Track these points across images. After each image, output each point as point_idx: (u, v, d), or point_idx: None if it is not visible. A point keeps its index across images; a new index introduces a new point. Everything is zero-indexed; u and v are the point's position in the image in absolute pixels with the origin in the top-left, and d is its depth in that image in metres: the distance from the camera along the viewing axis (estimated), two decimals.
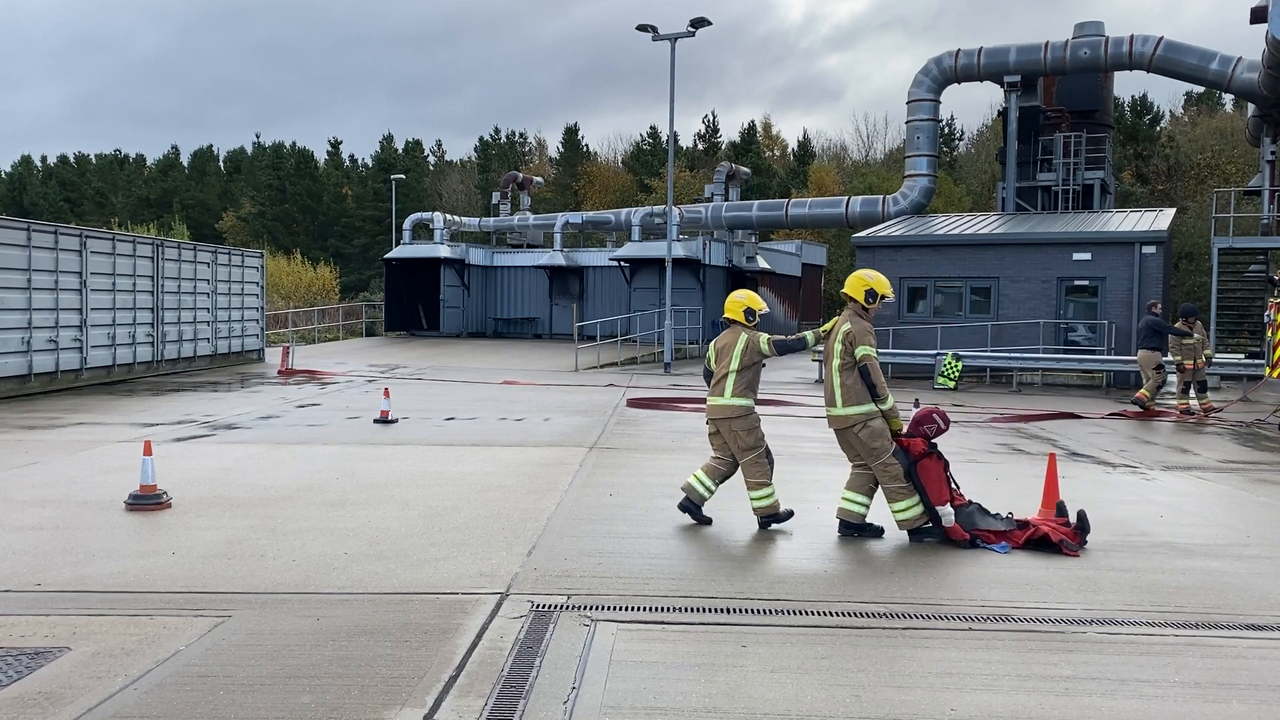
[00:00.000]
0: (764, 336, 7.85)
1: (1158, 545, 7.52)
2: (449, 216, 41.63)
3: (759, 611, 5.67)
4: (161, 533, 7.38)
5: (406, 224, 41.21)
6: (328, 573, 6.32)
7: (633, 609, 5.65)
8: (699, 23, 25.05)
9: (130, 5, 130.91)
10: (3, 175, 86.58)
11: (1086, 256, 24.29)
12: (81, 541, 7.11)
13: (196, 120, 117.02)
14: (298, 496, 8.74)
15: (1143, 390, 17.42)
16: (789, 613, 5.66)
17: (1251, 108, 30.71)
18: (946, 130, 66.38)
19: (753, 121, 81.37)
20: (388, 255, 40.16)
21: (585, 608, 5.64)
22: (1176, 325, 17.67)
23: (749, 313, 8.04)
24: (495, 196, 48.69)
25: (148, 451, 8.41)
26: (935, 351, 23.15)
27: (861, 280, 7.73)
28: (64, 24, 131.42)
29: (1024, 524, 7.33)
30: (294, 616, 5.45)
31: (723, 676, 4.65)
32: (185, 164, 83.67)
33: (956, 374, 22.33)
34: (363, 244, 70.88)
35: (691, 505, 7.83)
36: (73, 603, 5.68)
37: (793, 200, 37.42)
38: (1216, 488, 10.44)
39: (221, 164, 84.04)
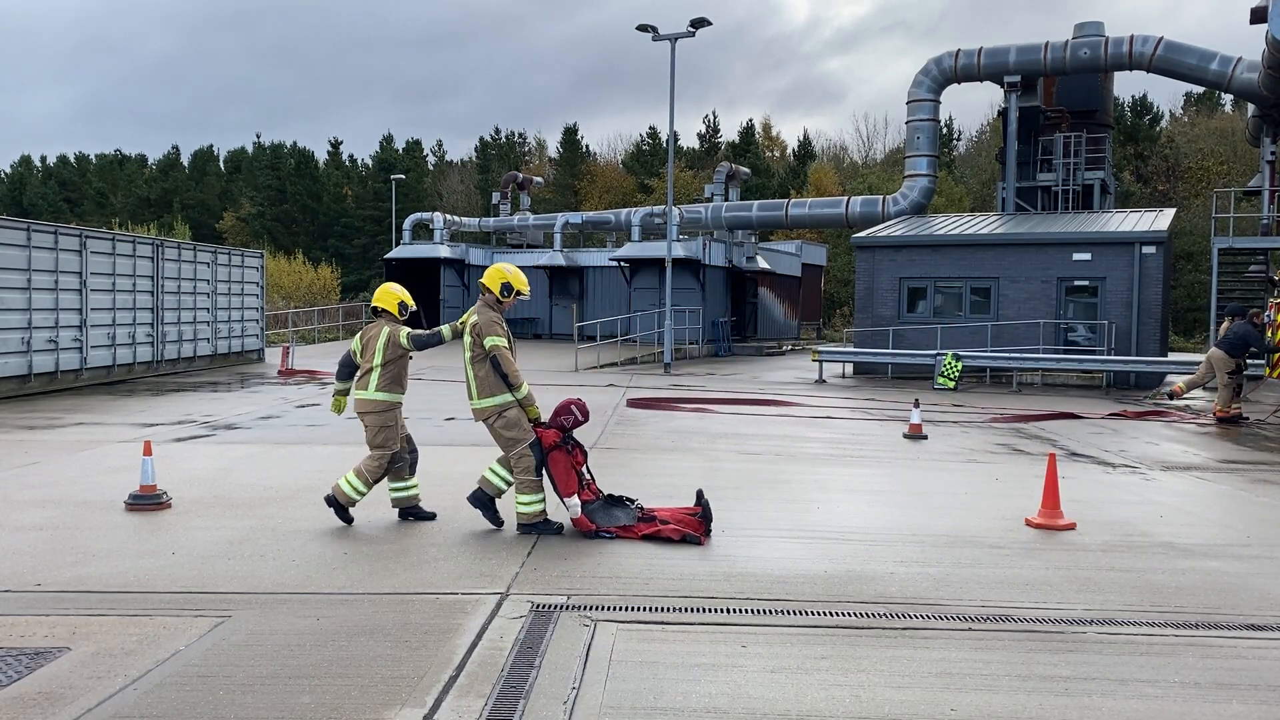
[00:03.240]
0: (405, 331, 7.72)
1: (1158, 545, 7.52)
2: (449, 216, 41.66)
3: (759, 611, 5.67)
4: (161, 533, 7.38)
5: (406, 224, 41.23)
6: (328, 573, 6.32)
7: (633, 609, 5.65)
8: (699, 23, 25.05)
9: (139, 8, 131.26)
10: (3, 175, 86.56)
11: (1086, 256, 24.29)
12: (81, 541, 7.11)
13: (202, 122, 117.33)
14: (298, 496, 8.74)
15: (1217, 405, 16.68)
16: (789, 613, 5.66)
17: (1251, 108, 30.71)
18: (946, 130, 66.39)
19: (751, 121, 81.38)
20: (388, 255, 40.17)
21: (585, 608, 5.64)
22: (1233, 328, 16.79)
23: (402, 306, 7.93)
24: (495, 196, 48.69)
25: (147, 451, 8.41)
26: (935, 352, 23.15)
27: (499, 273, 7.67)
28: (73, 27, 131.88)
29: (650, 518, 7.36)
30: (294, 616, 5.45)
31: (723, 676, 4.65)
32: (185, 164, 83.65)
33: (956, 374, 22.33)
34: (363, 244, 70.88)
35: (337, 504, 7.64)
36: (73, 603, 5.68)
37: (793, 200, 37.41)
38: (1216, 488, 10.44)
39: (221, 164, 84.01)
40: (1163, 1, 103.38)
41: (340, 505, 7.66)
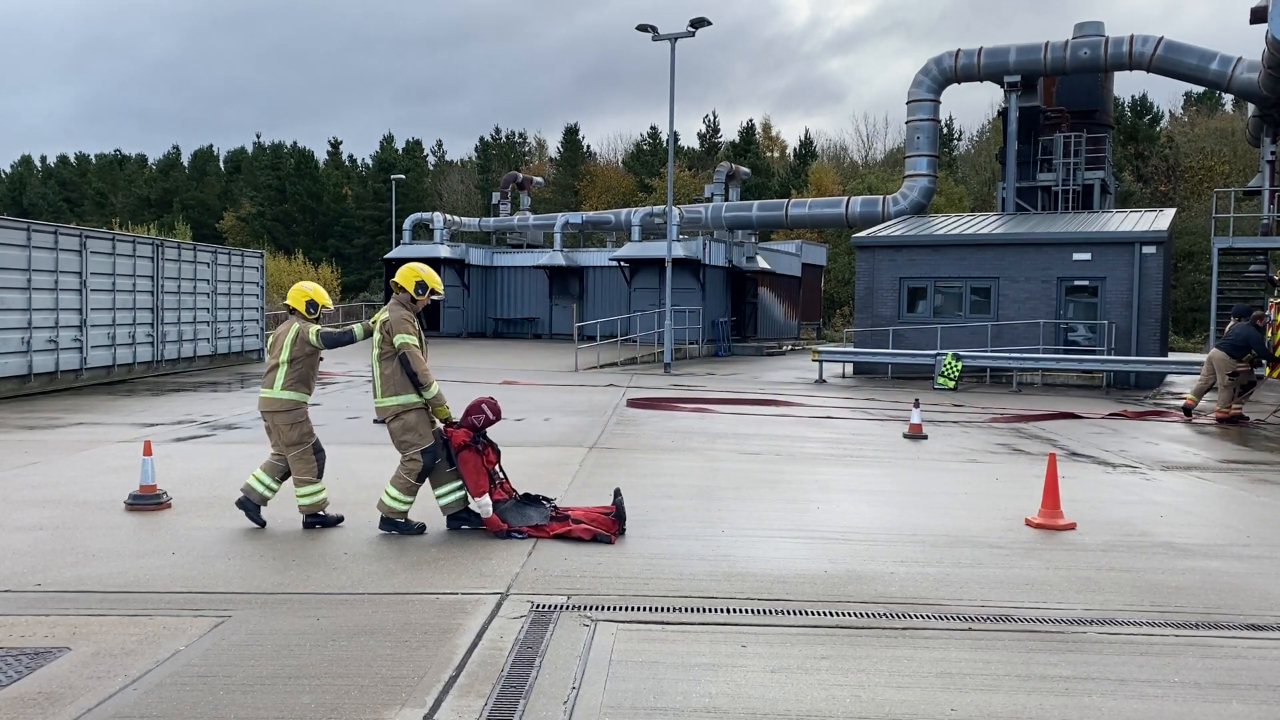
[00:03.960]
0: (314, 329, 7.60)
1: (1158, 545, 7.52)
2: (449, 216, 41.67)
3: (759, 611, 5.67)
4: (161, 533, 7.38)
5: (406, 224, 41.24)
6: (328, 573, 6.32)
7: (633, 609, 5.65)
8: (699, 23, 25.06)
9: (141, 9, 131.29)
10: (3, 175, 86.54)
11: (1086, 256, 24.29)
12: (81, 541, 7.11)
13: (203, 123, 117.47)
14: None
15: (1219, 407, 16.54)
16: (789, 613, 5.66)
17: (1251, 108, 30.71)
18: (946, 130, 66.38)
19: (752, 122, 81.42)
20: (388, 255, 40.18)
21: (585, 608, 5.64)
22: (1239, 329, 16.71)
23: (310, 304, 7.77)
24: (495, 196, 48.72)
25: (147, 451, 8.41)
26: (935, 352, 23.14)
27: (413, 272, 7.56)
28: (76, 27, 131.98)
29: (563, 517, 7.33)
30: (294, 616, 5.45)
31: (723, 676, 4.65)
32: (185, 164, 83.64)
33: (956, 374, 22.33)
34: (363, 244, 70.89)
35: (250, 504, 7.55)
36: (73, 603, 5.68)
37: (793, 200, 37.41)
38: (1216, 488, 10.44)
39: (221, 164, 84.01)
40: (1163, 2, 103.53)
41: (313, 516, 7.56)
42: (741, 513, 8.34)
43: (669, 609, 5.67)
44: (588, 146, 78.08)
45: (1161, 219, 25.75)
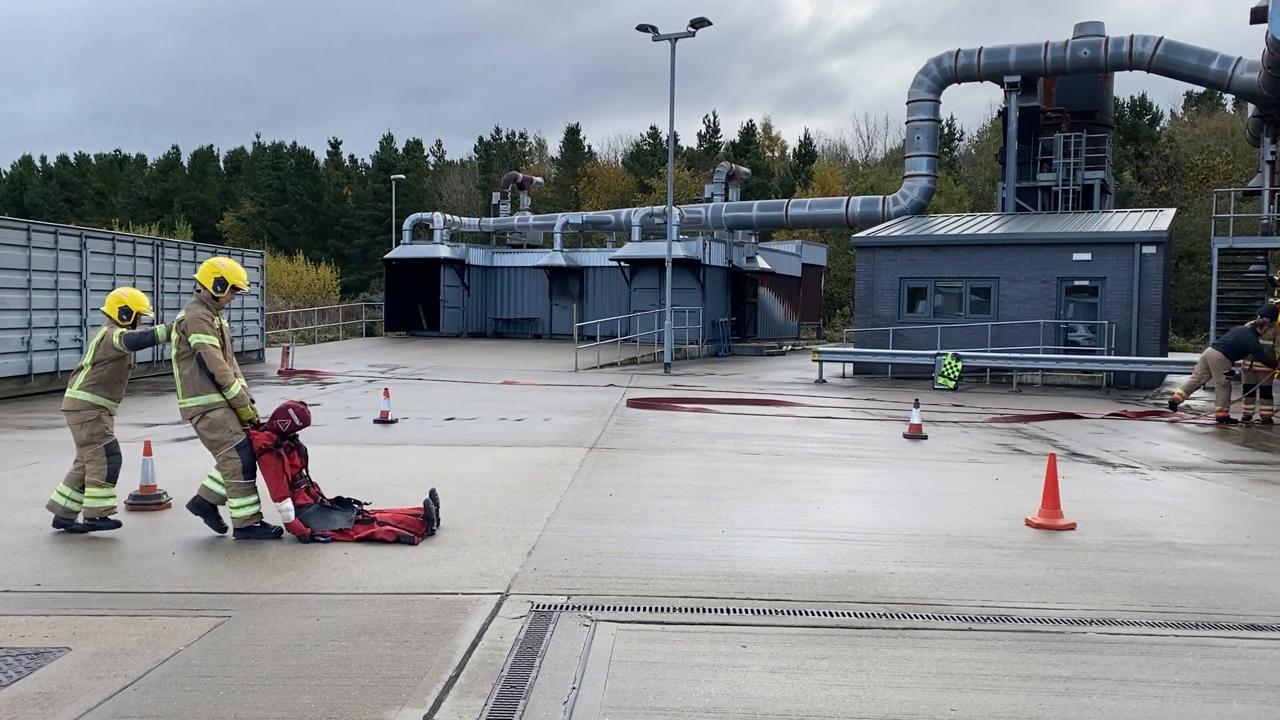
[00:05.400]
0: (118, 332, 7.51)
1: (1158, 545, 7.52)
2: (449, 216, 41.64)
3: (759, 611, 5.67)
4: (161, 533, 7.38)
5: (406, 224, 41.21)
6: (328, 573, 6.32)
7: (633, 609, 5.65)
8: (699, 23, 25.07)
9: (146, 11, 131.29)
10: (3, 175, 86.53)
11: (1086, 257, 24.29)
12: (81, 541, 7.11)
13: (206, 124, 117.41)
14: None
15: (1217, 406, 16.55)
16: (789, 613, 5.66)
17: (1251, 108, 30.71)
18: (946, 130, 66.39)
19: (752, 122, 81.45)
20: (388, 255, 40.16)
21: (585, 608, 5.64)
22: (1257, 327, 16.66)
23: (124, 311, 7.65)
24: (495, 196, 48.70)
25: (147, 451, 8.42)
26: (935, 352, 23.14)
27: (213, 268, 7.41)
28: (80, 29, 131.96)
29: (369, 521, 7.25)
30: (294, 616, 5.45)
31: (723, 676, 4.65)
32: (185, 164, 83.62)
33: (956, 374, 22.33)
34: (363, 244, 70.86)
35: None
36: (73, 603, 5.68)
37: (793, 200, 37.41)
38: (1216, 488, 10.44)
39: (221, 164, 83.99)
40: (1163, 3, 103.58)
41: (91, 521, 7.38)
42: (741, 513, 8.34)
43: (669, 609, 5.67)
44: (588, 147, 78.10)
45: (1161, 219, 25.75)
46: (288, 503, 7.14)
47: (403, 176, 60.59)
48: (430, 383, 21.43)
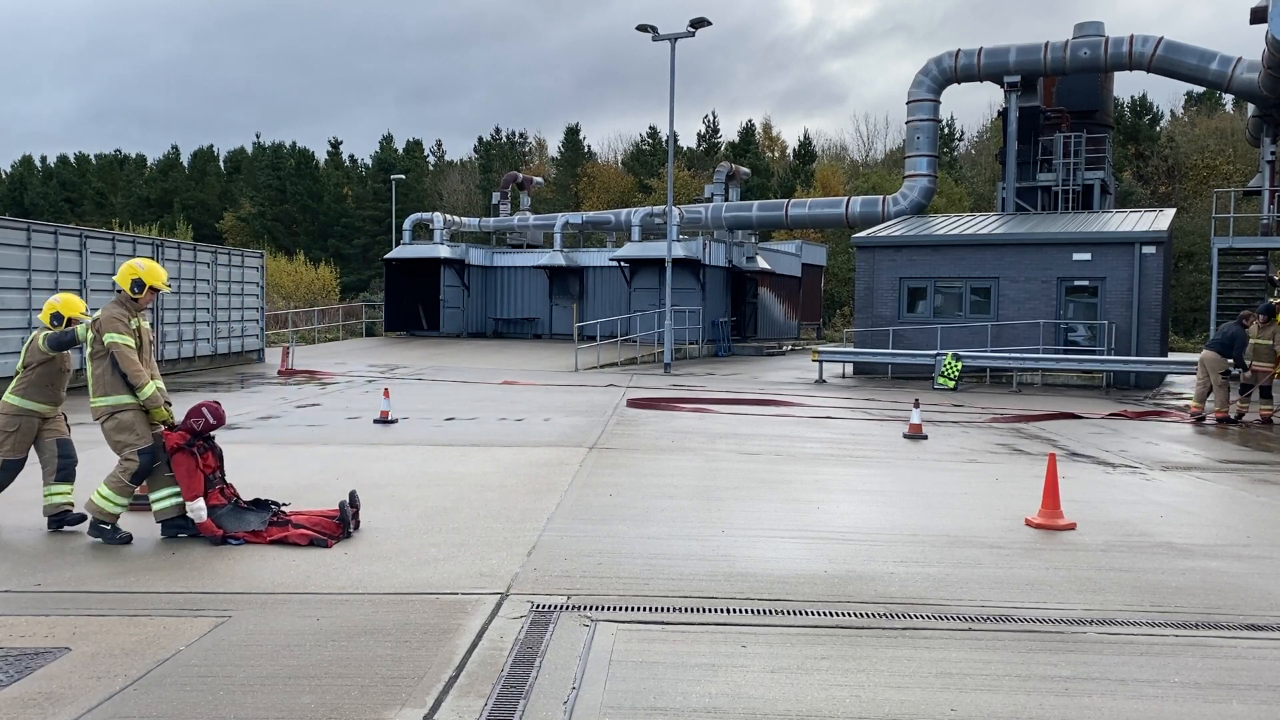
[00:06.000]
0: (43, 334, 7.53)
1: (1158, 545, 7.52)
2: (449, 217, 41.64)
3: (759, 611, 5.67)
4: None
5: (406, 224, 41.22)
6: (328, 573, 6.32)
7: (633, 609, 5.65)
8: (699, 23, 25.07)
9: (147, 11, 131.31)
10: (3, 175, 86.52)
11: (1086, 257, 24.29)
12: (82, 541, 7.12)
13: (207, 124, 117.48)
14: (297, 497, 8.73)
15: (1215, 408, 16.47)
16: (789, 613, 5.66)
17: (1251, 108, 30.70)
18: (946, 130, 66.39)
19: (751, 122, 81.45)
20: (388, 255, 40.16)
21: (585, 608, 5.64)
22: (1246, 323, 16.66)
23: (56, 316, 7.67)
24: (495, 197, 48.71)
25: None
26: (935, 352, 23.15)
27: (131, 269, 7.40)
28: (81, 29, 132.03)
29: (282, 523, 7.20)
30: (294, 616, 5.45)
31: (723, 677, 4.65)
32: (185, 164, 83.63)
33: (956, 374, 22.33)
34: (363, 244, 70.86)
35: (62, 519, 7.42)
36: (73, 603, 5.68)
37: (793, 200, 37.41)
38: (1216, 488, 10.44)
39: (221, 164, 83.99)
40: (1163, 3, 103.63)
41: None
42: (741, 513, 8.34)
43: (669, 609, 5.67)
44: (588, 147, 78.12)
45: (1161, 219, 25.75)
46: (200, 503, 7.11)
47: (403, 176, 60.59)
48: (430, 383, 21.43)
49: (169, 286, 7.61)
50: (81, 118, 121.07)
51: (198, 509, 7.09)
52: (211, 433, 7.41)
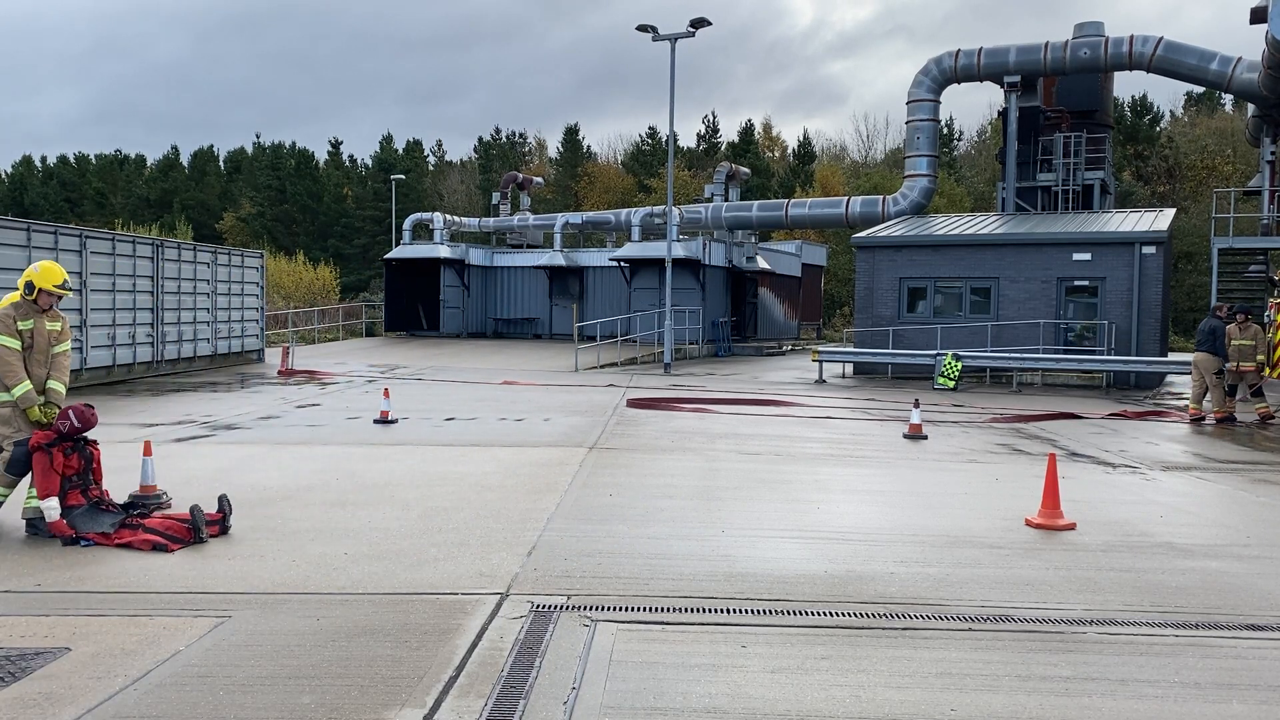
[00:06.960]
0: None
1: (1158, 545, 7.52)
2: (449, 217, 41.64)
3: (759, 611, 5.67)
4: None
5: (406, 224, 41.21)
6: (328, 573, 6.32)
7: (633, 609, 5.65)
8: (699, 23, 25.07)
9: (148, 12, 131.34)
10: (3, 175, 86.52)
11: (1086, 257, 24.29)
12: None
13: (207, 124, 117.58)
14: (298, 497, 8.74)
15: (1214, 408, 16.48)
16: (789, 613, 5.66)
17: (1251, 108, 30.70)
18: (946, 131, 66.39)
19: (751, 122, 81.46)
20: (388, 255, 40.15)
21: (585, 608, 5.64)
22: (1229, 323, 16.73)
23: (29, 286, 7.59)
24: (495, 197, 48.70)
25: (147, 452, 8.41)
26: (935, 352, 23.15)
27: (27, 274, 7.48)
28: (83, 30, 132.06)
29: (134, 527, 7.17)
30: (294, 616, 5.45)
31: (723, 677, 4.65)
32: (185, 164, 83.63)
33: (956, 374, 22.33)
34: (363, 244, 70.87)
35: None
36: (73, 603, 5.68)
37: (793, 201, 37.41)
38: (1216, 488, 10.44)
39: (221, 164, 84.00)
40: (1163, 3, 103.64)
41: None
42: (741, 513, 8.34)
43: (669, 609, 5.67)
44: (588, 147, 78.13)
45: (1161, 219, 25.75)
46: (53, 501, 7.16)
47: (403, 176, 60.58)
48: (430, 383, 21.44)
49: (65, 290, 7.63)
50: (82, 118, 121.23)
51: (50, 506, 7.16)
52: (81, 436, 7.48)
